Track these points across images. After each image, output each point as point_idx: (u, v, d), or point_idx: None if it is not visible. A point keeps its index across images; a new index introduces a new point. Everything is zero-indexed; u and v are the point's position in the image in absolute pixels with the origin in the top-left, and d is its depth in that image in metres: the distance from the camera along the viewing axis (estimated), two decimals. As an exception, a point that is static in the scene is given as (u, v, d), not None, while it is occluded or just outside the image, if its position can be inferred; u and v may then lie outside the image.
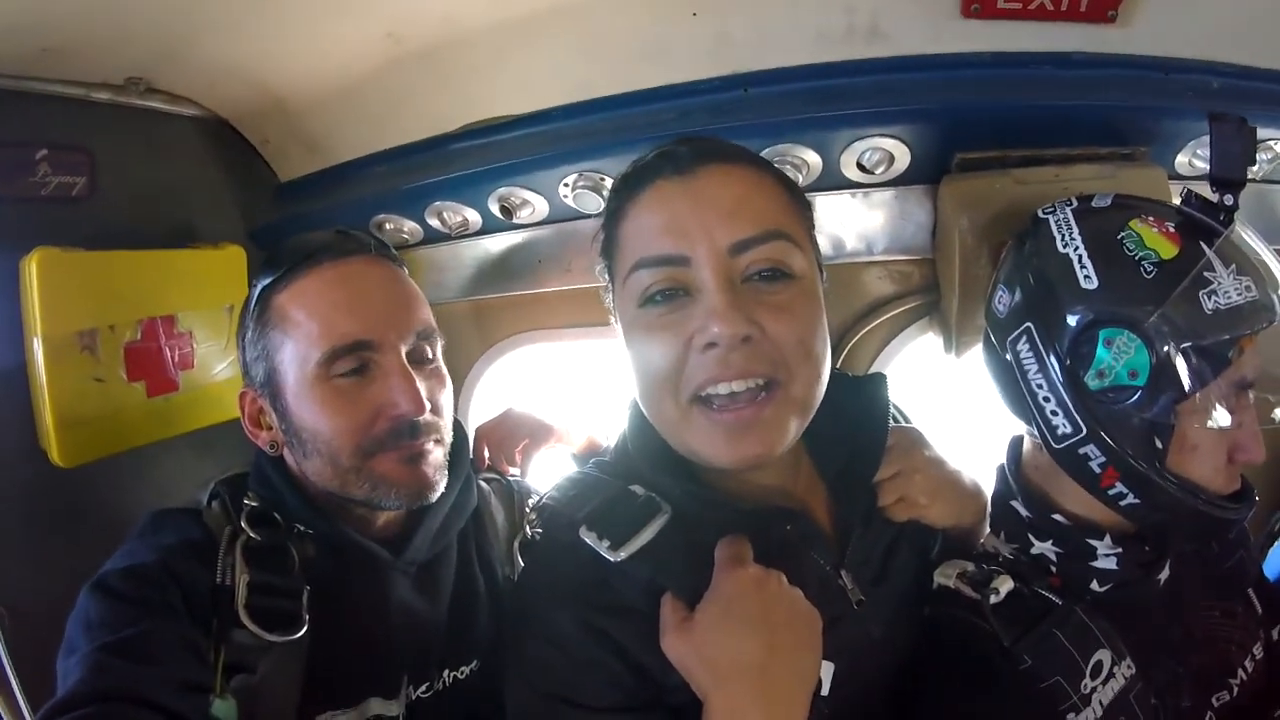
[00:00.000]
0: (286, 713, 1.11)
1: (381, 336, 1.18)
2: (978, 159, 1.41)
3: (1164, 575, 1.13)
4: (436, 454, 1.22)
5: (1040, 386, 1.05)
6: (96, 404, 1.45)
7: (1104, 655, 1.04)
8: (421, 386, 1.19)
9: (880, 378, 1.21)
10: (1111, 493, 1.04)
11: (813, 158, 1.44)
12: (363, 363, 1.18)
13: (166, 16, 1.35)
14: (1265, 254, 1.03)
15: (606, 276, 1.10)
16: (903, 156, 1.43)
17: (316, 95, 1.66)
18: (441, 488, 1.23)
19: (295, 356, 1.18)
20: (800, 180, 1.46)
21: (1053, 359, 1.03)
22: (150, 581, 1.08)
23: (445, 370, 1.29)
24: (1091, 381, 1.01)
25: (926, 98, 1.38)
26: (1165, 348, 0.97)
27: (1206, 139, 1.11)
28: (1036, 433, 1.08)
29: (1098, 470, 1.03)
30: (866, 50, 1.40)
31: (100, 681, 0.97)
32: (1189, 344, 0.97)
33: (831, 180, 1.49)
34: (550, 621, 1.02)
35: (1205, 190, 1.07)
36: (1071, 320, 1.02)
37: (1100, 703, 1.01)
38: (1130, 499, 1.04)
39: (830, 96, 1.41)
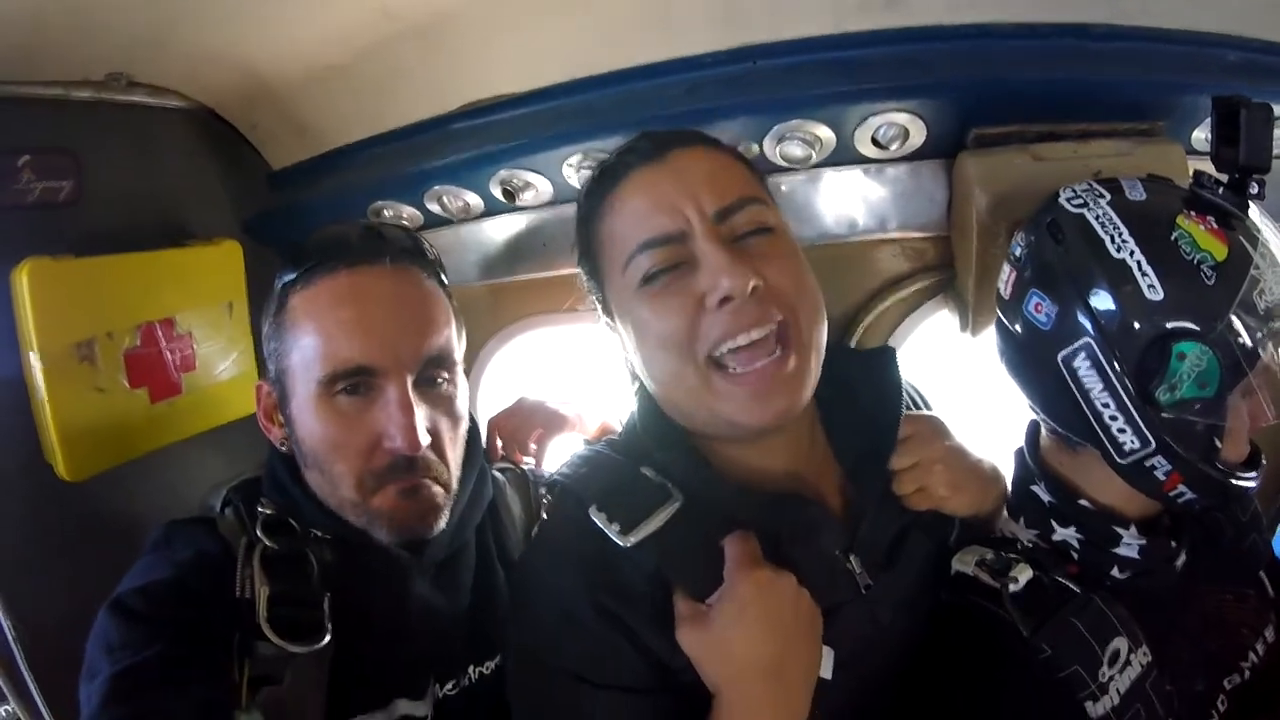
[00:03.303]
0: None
1: (385, 363, 1.14)
2: (995, 134, 1.37)
3: (1182, 560, 1.13)
4: (435, 491, 1.19)
5: (1106, 405, 1.02)
6: (100, 415, 1.42)
7: (1121, 643, 1.04)
8: (423, 418, 1.15)
9: (889, 351, 1.22)
10: (1173, 494, 1.04)
11: (826, 133, 1.40)
12: (365, 385, 1.15)
13: (145, 5, 1.29)
14: (1277, 238, 1.05)
15: (592, 280, 1.14)
16: (918, 132, 1.39)
17: (306, 78, 1.59)
18: (440, 526, 1.20)
19: (301, 368, 1.16)
20: (812, 156, 1.43)
21: (1121, 376, 1.00)
22: (168, 599, 1.07)
23: (462, 396, 1.25)
24: (1163, 396, 0.98)
25: (945, 71, 1.34)
26: (1230, 352, 0.96)
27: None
28: (1097, 448, 1.05)
29: (1162, 477, 1.03)
30: (883, 20, 1.35)
31: (123, 707, 0.97)
32: (1248, 344, 0.96)
33: (845, 156, 1.45)
34: (560, 598, 1.04)
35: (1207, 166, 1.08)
36: (1139, 334, 0.99)
37: (1118, 691, 1.02)
38: (1189, 496, 1.04)
39: (845, 69, 1.36)
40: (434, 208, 1.68)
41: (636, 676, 1.01)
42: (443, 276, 1.27)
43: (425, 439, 1.15)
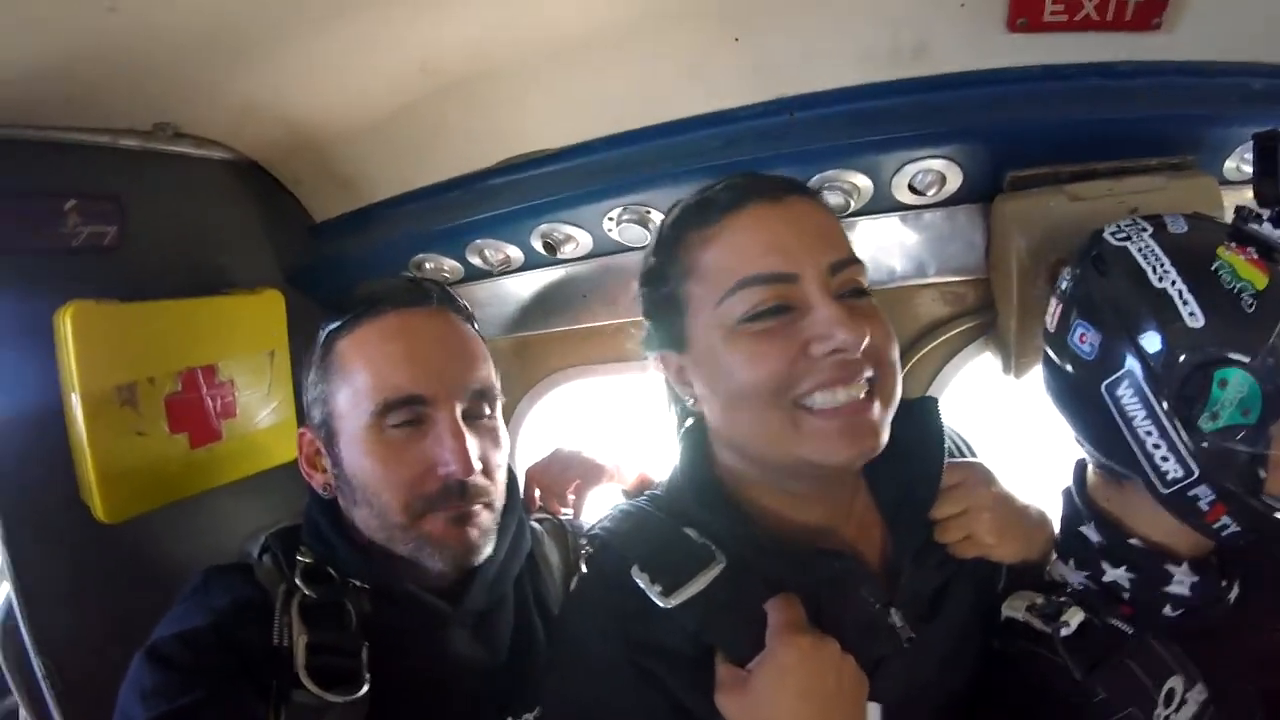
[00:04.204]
0: None
1: (435, 392, 1.17)
2: (1030, 176, 1.39)
3: (1234, 594, 1.12)
4: (484, 517, 1.20)
5: (1149, 434, 1.01)
6: (139, 458, 1.42)
7: (1176, 682, 1.03)
8: (474, 446, 1.17)
9: (931, 401, 1.22)
10: (1216, 526, 1.02)
11: (863, 182, 1.42)
12: (416, 416, 1.16)
13: (193, 58, 1.34)
14: None
15: (664, 309, 1.11)
16: (954, 177, 1.41)
17: (349, 132, 1.64)
18: (488, 551, 1.21)
19: (351, 404, 1.18)
20: (851, 205, 1.46)
21: (1163, 403, 1.00)
22: (204, 647, 1.06)
23: (503, 430, 1.27)
24: (1205, 423, 0.98)
25: (976, 116, 1.36)
26: (1273, 380, 0.96)
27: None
28: (1140, 478, 1.04)
29: (1205, 508, 1.01)
30: (912, 69, 1.38)
31: None
32: None
33: (883, 203, 1.47)
34: (598, 655, 1.03)
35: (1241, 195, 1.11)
36: (1181, 360, 0.99)
37: None
38: (1232, 529, 1.02)
39: (878, 119, 1.39)
40: (475, 261, 1.71)
41: None
42: (476, 326, 1.31)
43: (478, 464, 1.16)
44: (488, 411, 1.23)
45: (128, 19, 1.14)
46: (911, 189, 1.44)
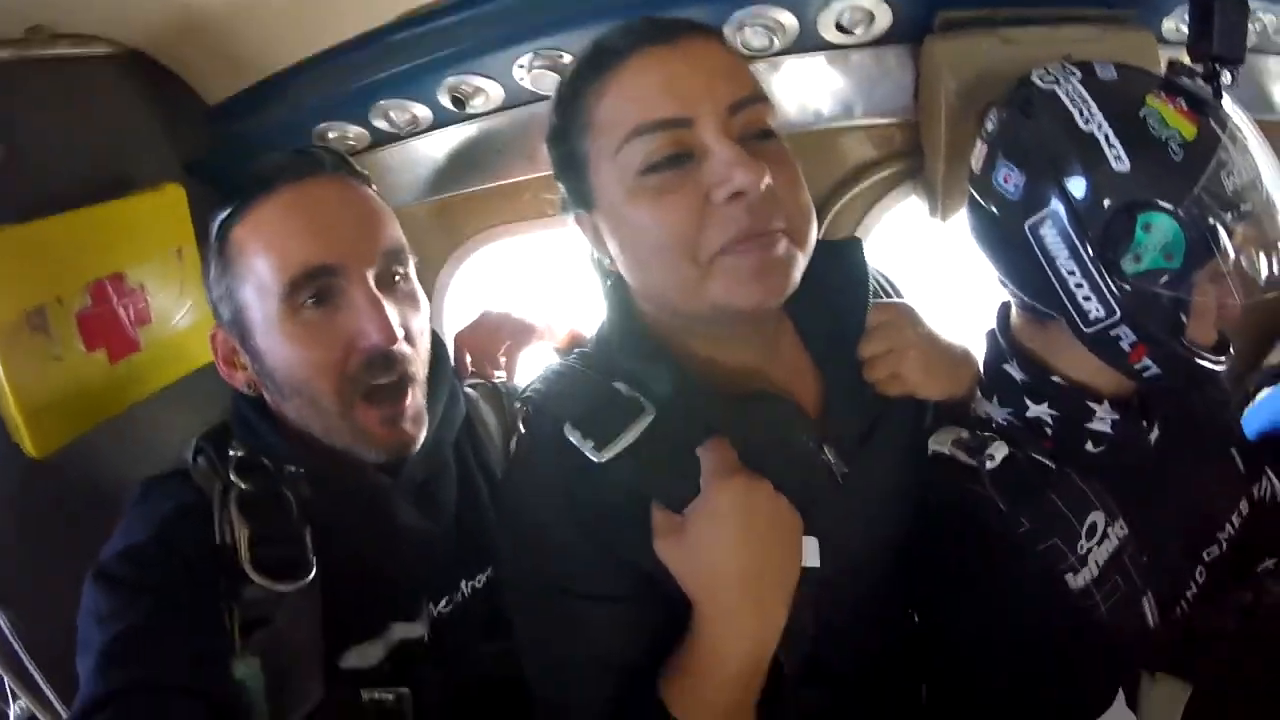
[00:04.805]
0: (312, 656, 1.12)
1: (344, 261, 1.11)
2: (962, 18, 1.34)
3: (1155, 435, 1.18)
4: (415, 401, 1.19)
5: (1072, 273, 1.04)
6: (60, 384, 1.36)
7: (1098, 516, 1.09)
8: (393, 313, 1.13)
9: (855, 241, 1.21)
10: (1138, 367, 1.06)
11: (788, 19, 1.36)
12: (328, 290, 1.12)
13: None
14: (1251, 127, 1.05)
15: (568, 168, 1.07)
16: (884, 15, 1.35)
17: (234, 5, 1.48)
18: (422, 438, 1.20)
19: (258, 293, 1.13)
20: (775, 43, 1.39)
21: (1086, 244, 1.02)
22: (149, 560, 1.06)
23: (420, 291, 1.23)
24: (1128, 265, 1.01)
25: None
26: (1197, 228, 0.98)
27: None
28: (1063, 317, 1.07)
29: (1127, 349, 1.05)
30: (844, -104, 1.27)
31: (116, 678, 0.97)
32: (1215, 222, 0.98)
33: (808, 42, 1.41)
34: (542, 516, 1.06)
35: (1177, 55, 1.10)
36: (1105, 204, 1.00)
37: (1096, 562, 1.07)
38: (1153, 370, 1.06)
39: (807, -51, 1.29)
40: (381, 124, 1.62)
41: (622, 587, 1.04)
42: (375, 188, 1.25)
43: (400, 331, 1.14)
44: (400, 272, 1.19)
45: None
46: (839, 27, 1.38)
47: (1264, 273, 1.04)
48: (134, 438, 1.54)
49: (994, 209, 1.10)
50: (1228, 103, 1.05)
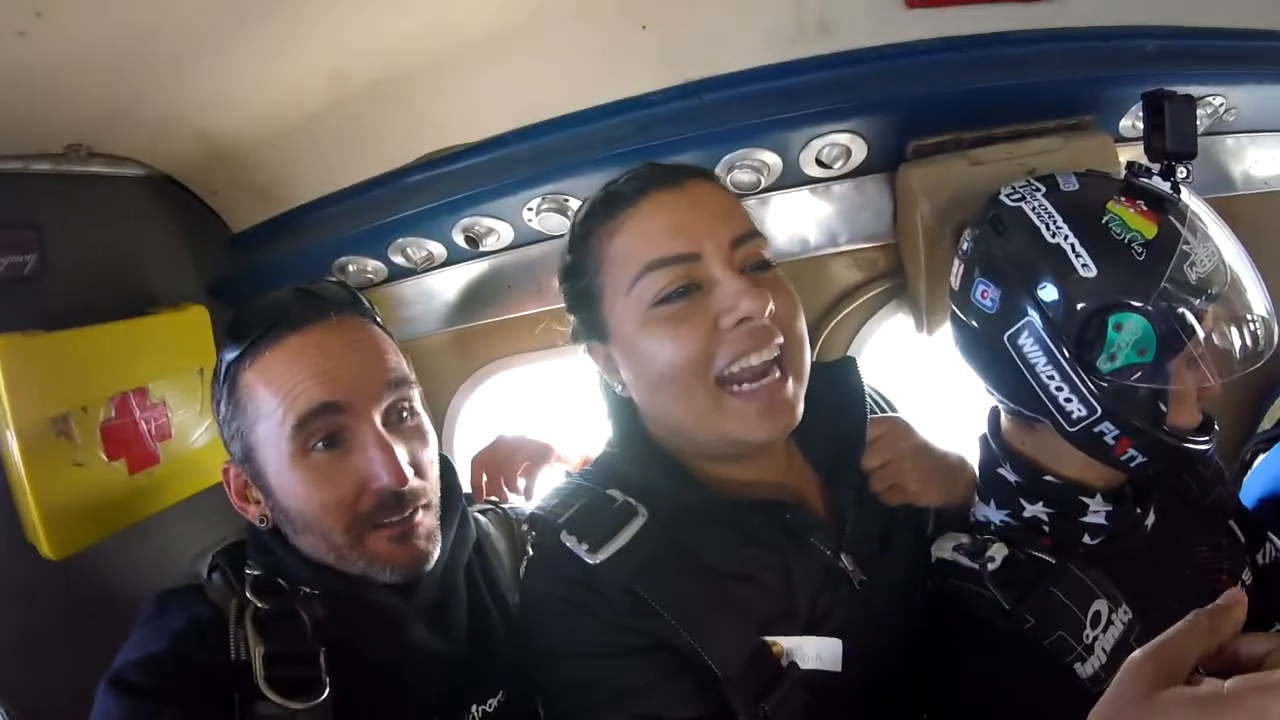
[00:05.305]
0: None
1: (351, 400, 1.14)
2: (932, 144, 1.45)
3: (1150, 520, 1.19)
4: (426, 521, 1.20)
5: (1051, 377, 1.09)
6: (80, 490, 1.39)
7: (1101, 605, 1.10)
8: (402, 451, 1.15)
9: (850, 361, 1.30)
10: (1124, 458, 1.10)
11: (772, 159, 1.47)
12: (337, 430, 1.14)
13: (104, 78, 1.30)
14: (1210, 215, 1.12)
15: (582, 301, 1.16)
16: (860, 149, 1.47)
17: (262, 141, 1.61)
18: (436, 554, 1.20)
19: (270, 434, 1.15)
20: (761, 181, 1.50)
21: (1062, 349, 1.07)
22: (165, 670, 1.05)
23: (427, 423, 1.25)
24: (1104, 364, 1.06)
25: (879, 90, 1.42)
26: (1166, 320, 1.03)
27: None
28: (1049, 420, 1.12)
29: (1111, 442, 1.09)
30: (816, 47, 1.43)
31: None
32: (1183, 312, 1.03)
33: (792, 178, 1.53)
34: (567, 631, 1.09)
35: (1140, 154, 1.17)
36: (1077, 309, 1.06)
37: (1103, 649, 1.07)
38: (1140, 459, 1.10)
39: (785, 97, 1.43)
40: (398, 259, 1.71)
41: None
42: (379, 320, 1.28)
43: (409, 470, 1.15)
44: (407, 406, 1.21)
45: (38, 43, 1.10)
46: (819, 163, 1.49)
47: (1237, 346, 1.10)
48: (146, 548, 1.54)
49: (974, 323, 1.17)
50: (1186, 195, 1.11)
